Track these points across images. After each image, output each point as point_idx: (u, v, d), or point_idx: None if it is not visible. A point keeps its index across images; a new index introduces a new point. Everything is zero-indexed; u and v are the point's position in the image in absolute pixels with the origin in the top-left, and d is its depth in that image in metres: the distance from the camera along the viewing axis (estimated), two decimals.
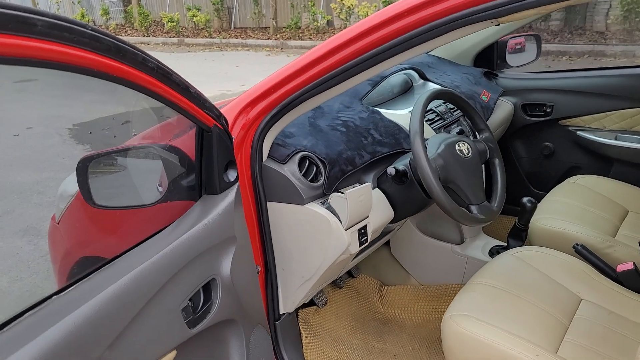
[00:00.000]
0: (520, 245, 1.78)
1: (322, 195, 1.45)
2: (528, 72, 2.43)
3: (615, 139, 2.17)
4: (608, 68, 2.21)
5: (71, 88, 8.02)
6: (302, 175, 1.41)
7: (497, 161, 1.58)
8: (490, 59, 2.39)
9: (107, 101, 7.14)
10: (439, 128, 1.82)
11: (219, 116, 1.17)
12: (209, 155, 1.18)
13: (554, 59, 7.97)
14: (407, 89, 2.10)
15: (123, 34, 13.86)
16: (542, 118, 2.33)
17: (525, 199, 1.70)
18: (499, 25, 1.11)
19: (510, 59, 2.42)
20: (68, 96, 7.52)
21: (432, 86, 2.07)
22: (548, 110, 2.32)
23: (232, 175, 1.25)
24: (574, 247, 1.66)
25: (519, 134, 2.43)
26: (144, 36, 13.42)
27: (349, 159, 1.49)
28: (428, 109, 1.85)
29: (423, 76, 2.11)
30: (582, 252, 1.65)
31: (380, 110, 1.75)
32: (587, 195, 2.00)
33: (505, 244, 1.87)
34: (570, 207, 1.93)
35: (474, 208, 1.43)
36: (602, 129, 2.22)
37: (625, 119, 2.15)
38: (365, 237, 1.45)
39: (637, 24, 8.51)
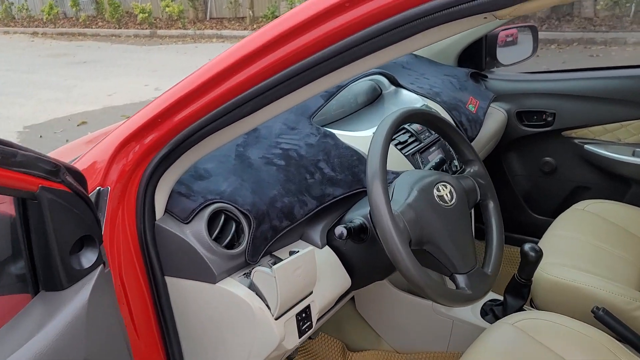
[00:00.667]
0: (521, 305, 1.36)
1: (245, 265, 1.02)
2: (523, 73, 2.01)
3: (633, 154, 1.76)
4: (623, 67, 1.80)
5: (28, 85, 7.49)
6: (214, 238, 0.98)
7: (491, 205, 1.15)
8: (477, 57, 1.96)
9: (64, 99, 6.64)
10: (413, 154, 1.38)
11: (52, 171, 0.73)
12: (41, 234, 0.75)
13: (541, 47, 7.56)
14: (374, 98, 1.67)
15: (94, 26, 13.24)
16: (541, 128, 1.92)
17: (527, 247, 1.28)
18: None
19: (502, 55, 1.99)
20: (21, 94, 6.98)
21: (405, 96, 1.64)
22: (549, 119, 1.90)
23: (88, 257, 0.81)
24: (593, 312, 1.26)
25: (514, 147, 2.01)
26: (115, 28, 12.80)
27: (286, 210, 1.06)
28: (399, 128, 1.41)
29: (394, 81, 1.68)
30: (605, 320, 1.24)
31: (336, 131, 1.32)
32: (601, 227, 1.59)
33: (500, 299, 1.45)
34: (582, 245, 1.52)
35: (461, 279, 1.01)
36: (616, 143, 1.81)
37: None
38: (308, 323, 1.02)
39: (627, 10, 8.15)
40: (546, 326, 1.20)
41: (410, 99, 1.61)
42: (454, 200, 1.05)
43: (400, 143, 1.38)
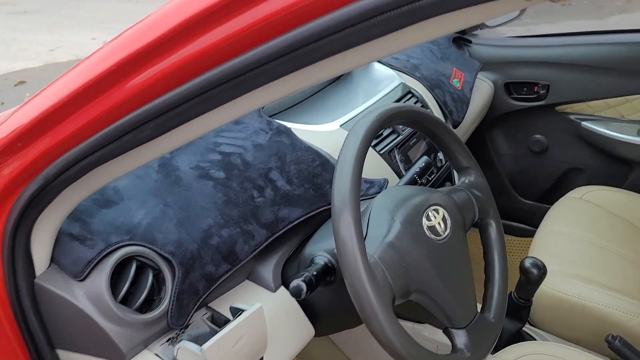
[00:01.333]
0: (519, 328, 1.14)
1: (168, 330, 0.75)
2: (513, 37, 1.73)
3: (638, 134, 1.53)
4: (630, 31, 1.53)
5: None
6: (123, 296, 0.70)
7: (492, 226, 0.90)
8: None
9: (0, 54, 6.03)
10: (390, 151, 1.11)
11: None
12: None
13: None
14: (340, 75, 1.37)
15: None
16: (532, 102, 1.66)
17: (528, 263, 1.05)
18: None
19: None
20: None
21: (378, 71, 1.35)
22: (541, 91, 1.64)
23: None
24: (608, 341, 1.05)
25: (501, 123, 1.76)
26: None
27: (225, 248, 0.78)
28: None
29: None
30: (622, 352, 1.03)
31: (293, 125, 1.03)
32: (604, 221, 1.38)
33: None
34: (585, 246, 1.30)
35: (458, 336, 0.77)
36: (618, 119, 1.57)
37: None
38: None
39: None
40: None
41: (384, 75, 1.33)
42: (448, 231, 0.79)
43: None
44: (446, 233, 0.78)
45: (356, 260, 0.63)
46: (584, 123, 1.60)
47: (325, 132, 1.05)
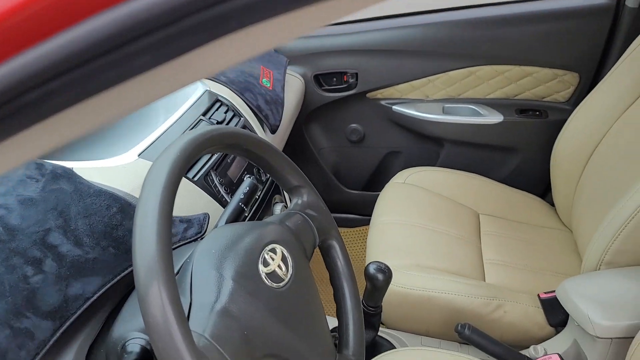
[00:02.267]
0: (374, 337, 1.08)
1: None
2: None
3: (443, 111, 1.59)
4: (424, 13, 1.56)
5: None
6: None
7: (335, 246, 0.79)
8: None
9: None
10: (205, 175, 0.93)
11: None
12: None
13: None
14: None
15: None
16: (344, 92, 1.62)
17: (373, 269, 0.97)
18: None
19: None
20: None
21: None
22: (351, 80, 1.61)
23: None
24: (457, 331, 1.03)
25: (316, 117, 1.70)
26: None
27: None
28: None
29: None
30: (472, 339, 1.02)
31: (75, 164, 0.81)
32: (429, 202, 1.40)
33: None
34: (418, 233, 1.30)
35: None
36: (424, 100, 1.61)
37: (452, 83, 1.56)
38: None
39: None
40: None
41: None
42: (290, 271, 0.66)
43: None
44: (289, 275, 0.65)
45: (178, 351, 0.47)
46: (394, 107, 1.61)
47: (120, 167, 0.84)
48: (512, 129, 1.53)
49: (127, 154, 0.87)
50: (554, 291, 1.08)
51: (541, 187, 1.60)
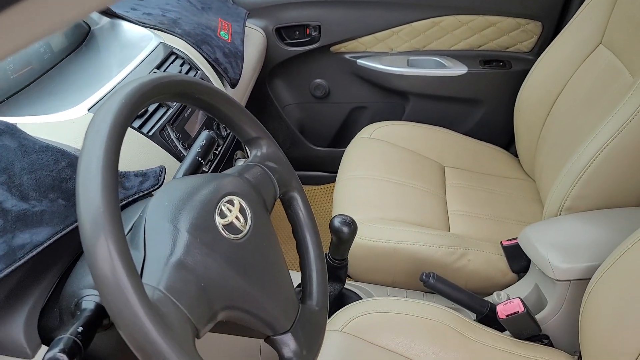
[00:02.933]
0: (341, 289, 1.08)
1: None
2: None
3: (408, 64, 1.57)
4: None
5: None
6: None
7: (297, 198, 0.78)
8: None
9: None
10: (161, 129, 0.90)
11: None
12: None
13: None
14: (79, 41, 1.09)
15: None
16: (307, 46, 1.58)
17: (338, 222, 0.97)
18: None
19: None
20: None
21: (129, 32, 1.10)
22: (314, 33, 1.57)
23: None
24: (422, 280, 1.04)
25: (280, 73, 1.65)
26: None
27: None
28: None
29: (107, 9, 1.11)
30: (437, 287, 1.04)
31: (20, 119, 0.76)
32: (394, 156, 1.40)
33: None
34: (383, 187, 1.30)
35: (285, 343, 0.64)
36: (388, 53, 1.58)
37: (416, 35, 1.53)
38: None
39: None
40: (380, 321, 0.95)
41: (137, 36, 1.09)
42: (249, 223, 0.64)
43: (135, 117, 0.88)
44: (247, 227, 0.64)
45: (130, 307, 0.45)
46: (358, 61, 1.58)
47: (68, 122, 0.80)
48: (476, 80, 1.52)
49: (75, 108, 0.82)
50: (516, 238, 1.09)
51: (505, 139, 1.61)
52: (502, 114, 1.56)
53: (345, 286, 1.13)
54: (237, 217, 0.63)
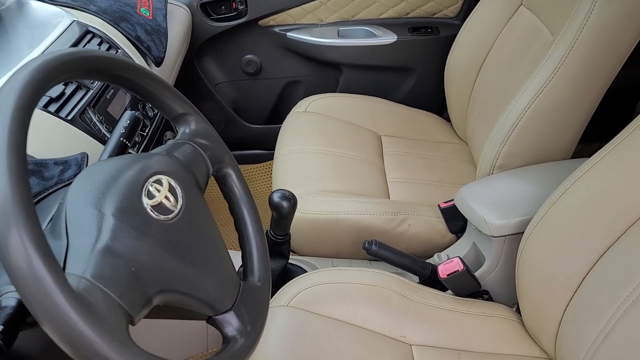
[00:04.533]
0: (285, 264, 1.08)
1: None
2: None
3: (339, 35, 1.55)
4: None
5: None
6: None
7: (231, 174, 0.75)
8: None
9: None
10: (81, 113, 0.84)
11: None
12: None
13: None
14: None
15: None
16: (234, 21, 1.54)
17: (277, 197, 0.95)
18: None
19: None
20: None
21: (38, 10, 1.02)
22: (240, 7, 1.52)
23: None
24: (365, 248, 1.05)
25: (208, 50, 1.60)
26: None
27: None
28: None
29: None
30: (380, 254, 1.05)
31: None
32: (330, 129, 1.39)
33: None
34: (321, 160, 1.30)
35: (226, 322, 0.63)
36: (318, 25, 1.56)
37: (345, 5, 1.52)
38: None
39: None
40: (325, 292, 0.95)
41: (47, 15, 1.01)
42: (180, 202, 0.61)
43: (51, 100, 0.82)
44: (178, 207, 0.61)
45: (50, 298, 0.42)
46: (288, 34, 1.56)
47: None
48: (406, 48, 1.53)
49: None
50: (452, 200, 1.12)
51: (438, 104, 1.64)
52: (433, 80, 1.58)
53: (290, 261, 1.12)
54: (166, 197, 0.60)
